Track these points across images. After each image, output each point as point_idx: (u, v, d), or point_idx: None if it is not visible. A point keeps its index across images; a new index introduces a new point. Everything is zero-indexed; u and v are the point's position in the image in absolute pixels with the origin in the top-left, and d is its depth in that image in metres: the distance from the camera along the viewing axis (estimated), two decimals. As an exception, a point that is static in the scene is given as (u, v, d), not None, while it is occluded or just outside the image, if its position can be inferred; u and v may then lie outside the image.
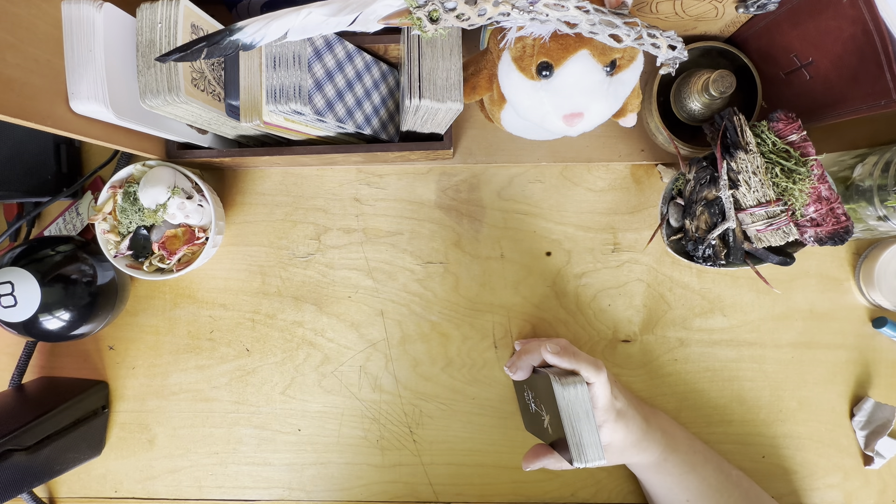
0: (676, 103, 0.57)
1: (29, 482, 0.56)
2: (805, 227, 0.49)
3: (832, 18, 0.46)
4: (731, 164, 0.48)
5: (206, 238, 0.58)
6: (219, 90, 0.50)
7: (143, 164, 0.57)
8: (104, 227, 0.57)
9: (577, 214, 0.64)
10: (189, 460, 0.64)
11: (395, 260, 0.64)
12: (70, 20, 0.43)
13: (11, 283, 0.52)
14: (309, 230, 0.65)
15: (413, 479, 0.63)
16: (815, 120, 0.53)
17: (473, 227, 0.64)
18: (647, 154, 0.63)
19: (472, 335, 0.64)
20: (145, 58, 0.45)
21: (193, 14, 0.46)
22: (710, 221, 0.51)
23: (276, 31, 0.39)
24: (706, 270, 0.63)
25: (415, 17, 0.38)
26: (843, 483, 0.63)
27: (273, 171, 0.65)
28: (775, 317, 0.63)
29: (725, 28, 0.56)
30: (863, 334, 0.63)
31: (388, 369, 0.64)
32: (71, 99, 0.44)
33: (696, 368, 0.63)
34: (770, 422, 0.63)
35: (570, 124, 0.46)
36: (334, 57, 0.51)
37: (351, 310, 0.64)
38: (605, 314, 0.64)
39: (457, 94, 0.48)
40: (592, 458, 0.46)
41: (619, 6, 0.42)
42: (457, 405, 0.64)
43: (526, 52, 0.43)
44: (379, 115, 0.57)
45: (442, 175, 0.65)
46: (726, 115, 0.50)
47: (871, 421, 0.62)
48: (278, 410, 0.64)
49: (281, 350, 0.64)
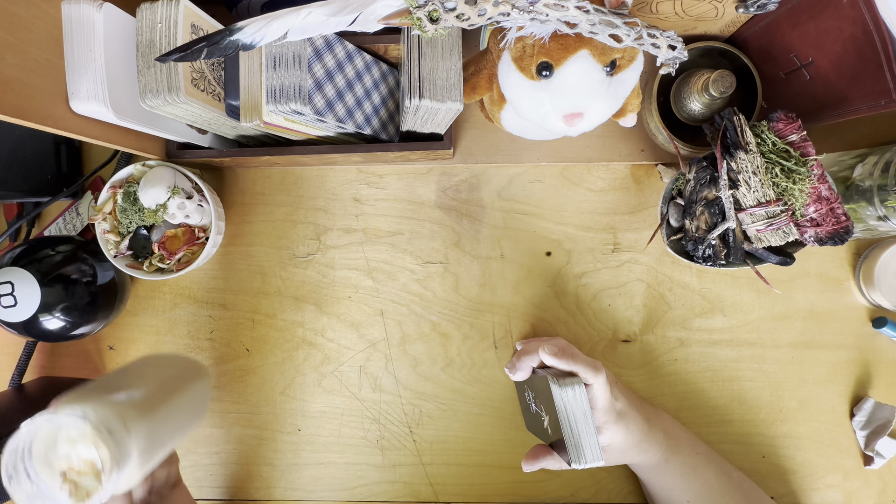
0: (676, 103, 0.57)
1: (29, 482, 0.56)
2: (805, 227, 0.49)
3: (832, 18, 0.46)
4: (731, 164, 0.48)
5: (206, 238, 0.58)
6: (219, 90, 0.50)
7: (143, 164, 0.57)
8: (104, 227, 0.57)
9: (577, 214, 0.64)
10: (189, 460, 0.64)
11: (395, 260, 0.64)
12: (70, 20, 0.43)
13: (11, 283, 0.52)
14: (309, 230, 0.65)
15: (413, 479, 0.63)
16: (815, 120, 0.53)
17: (473, 227, 0.64)
18: (647, 154, 0.63)
19: (472, 335, 0.64)
20: (145, 58, 0.45)
21: (193, 14, 0.46)
22: (710, 221, 0.51)
23: (276, 31, 0.39)
24: (706, 270, 0.63)
25: (415, 17, 0.38)
26: (843, 483, 0.63)
27: (273, 171, 0.65)
28: (775, 317, 0.63)
29: (725, 28, 0.56)
30: (863, 334, 0.63)
31: (388, 369, 0.64)
32: (71, 99, 0.44)
33: (696, 368, 0.63)
34: (770, 422, 0.63)
35: (570, 124, 0.46)
36: (334, 57, 0.51)
37: (351, 310, 0.64)
38: (605, 314, 0.64)
39: (457, 94, 0.48)
40: (590, 459, 0.46)
41: (619, 6, 0.42)
42: (457, 405, 0.64)
43: (526, 52, 0.43)
44: (379, 115, 0.57)
45: (442, 175, 0.65)
46: (726, 115, 0.50)
47: (872, 421, 0.62)
48: (278, 410, 0.64)
49: (281, 350, 0.64)
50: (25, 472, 0.41)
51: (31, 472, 0.41)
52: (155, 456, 0.46)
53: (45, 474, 0.42)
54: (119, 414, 0.42)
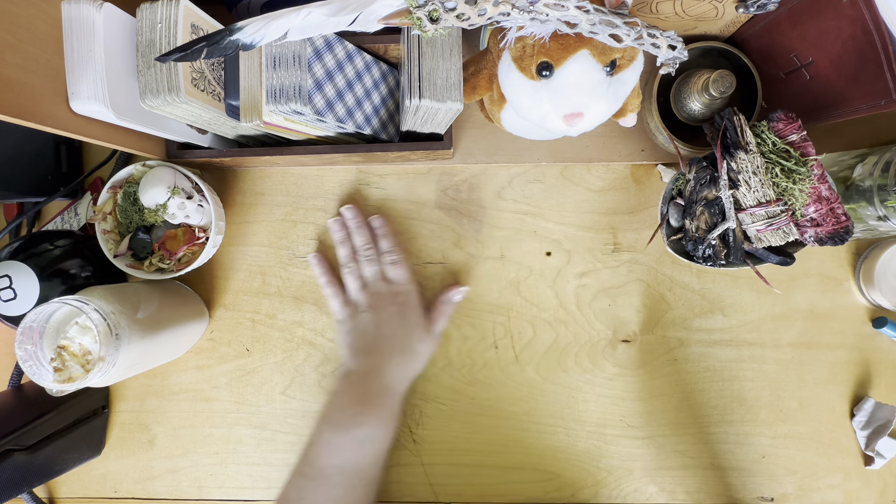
0: (676, 103, 0.57)
1: (29, 482, 0.56)
2: (805, 227, 0.49)
3: (832, 18, 0.46)
4: (731, 164, 0.48)
5: (206, 238, 0.58)
6: (219, 90, 0.50)
7: (143, 164, 0.57)
8: (104, 227, 0.57)
9: (577, 214, 0.64)
10: (189, 460, 0.64)
11: (395, 260, 0.64)
12: (70, 20, 0.43)
13: (9, 276, 0.52)
14: (309, 230, 0.65)
15: (413, 479, 0.63)
16: (815, 120, 0.53)
17: (473, 227, 0.64)
18: (647, 154, 0.63)
19: (472, 335, 0.64)
20: (145, 58, 0.45)
21: (193, 14, 0.46)
22: (710, 221, 0.51)
23: (276, 31, 0.39)
24: (706, 270, 0.63)
25: (415, 17, 0.38)
26: (843, 483, 0.63)
27: (273, 171, 0.65)
28: (775, 317, 0.63)
29: (725, 28, 0.56)
30: (863, 334, 0.63)
31: (388, 369, 0.64)
32: (71, 99, 0.44)
33: (696, 368, 0.63)
34: (770, 422, 0.63)
35: (570, 124, 0.46)
36: (334, 57, 0.51)
37: (351, 310, 0.64)
38: (605, 314, 0.64)
39: (457, 94, 0.48)
40: None
41: (619, 6, 0.42)
42: (457, 405, 0.64)
43: (526, 52, 0.43)
44: (379, 115, 0.57)
45: (442, 175, 0.65)
46: (726, 115, 0.50)
47: (872, 421, 0.62)
48: (278, 410, 0.64)
49: (281, 350, 0.64)
50: (39, 332, 0.49)
51: (42, 335, 0.49)
52: (133, 370, 0.53)
53: (47, 343, 0.50)
54: (130, 326, 0.50)
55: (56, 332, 0.50)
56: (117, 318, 0.48)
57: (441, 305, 0.61)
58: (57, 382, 0.48)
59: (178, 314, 0.58)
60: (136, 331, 0.50)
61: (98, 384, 0.48)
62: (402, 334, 0.59)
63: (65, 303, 0.47)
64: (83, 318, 0.49)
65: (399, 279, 0.60)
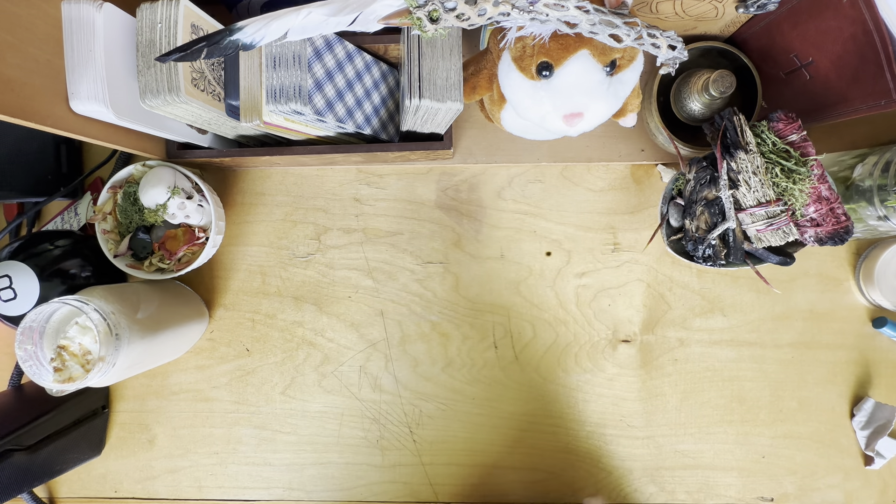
0: (676, 103, 0.57)
1: (29, 482, 0.56)
2: (805, 227, 0.49)
3: (832, 18, 0.46)
4: (731, 164, 0.48)
5: (206, 238, 0.58)
6: (219, 90, 0.50)
7: (143, 165, 0.57)
8: (104, 227, 0.57)
9: (577, 214, 0.64)
10: (189, 460, 0.64)
11: (395, 260, 0.64)
12: (70, 20, 0.43)
13: (9, 276, 0.52)
14: (309, 230, 0.65)
15: (413, 479, 0.63)
16: (815, 120, 0.53)
17: (473, 227, 0.64)
18: (647, 154, 0.63)
19: (472, 335, 0.64)
20: (145, 58, 0.45)
21: (193, 14, 0.46)
22: (710, 221, 0.51)
23: (276, 31, 0.39)
24: (706, 270, 0.63)
25: (415, 17, 0.38)
26: (843, 483, 0.63)
27: (273, 171, 0.65)
28: (775, 317, 0.63)
29: (725, 28, 0.56)
30: (863, 334, 0.63)
31: (388, 369, 0.64)
32: (71, 99, 0.44)
33: (696, 368, 0.63)
34: (770, 422, 0.63)
35: (570, 124, 0.46)
36: (334, 57, 0.51)
37: (351, 310, 0.64)
38: (605, 314, 0.64)
39: (457, 94, 0.48)
40: None
41: (619, 6, 0.42)
42: (457, 405, 0.64)
43: (526, 52, 0.43)
44: (379, 115, 0.57)
45: (442, 175, 0.65)
46: (726, 115, 0.50)
47: (872, 421, 0.62)
48: (278, 410, 0.64)
49: (281, 350, 0.64)
50: (39, 332, 0.49)
51: (42, 335, 0.49)
52: (133, 370, 0.53)
53: (47, 343, 0.50)
54: (130, 326, 0.50)
55: (56, 332, 0.50)
56: (117, 318, 0.49)
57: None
58: (57, 382, 0.48)
59: (178, 314, 0.58)
60: (136, 331, 0.50)
61: (98, 384, 0.49)
62: None
63: (65, 303, 0.47)
64: (83, 318, 0.49)
65: None
